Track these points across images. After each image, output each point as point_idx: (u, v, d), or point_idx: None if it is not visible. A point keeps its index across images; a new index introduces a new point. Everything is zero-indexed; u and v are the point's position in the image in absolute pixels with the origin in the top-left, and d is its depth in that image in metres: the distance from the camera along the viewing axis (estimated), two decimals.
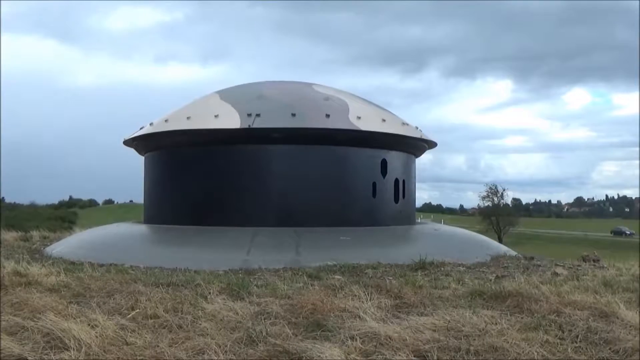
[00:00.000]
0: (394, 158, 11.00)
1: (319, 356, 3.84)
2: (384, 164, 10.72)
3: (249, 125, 10.08)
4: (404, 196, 11.18)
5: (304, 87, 11.87)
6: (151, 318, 4.79)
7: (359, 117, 10.42)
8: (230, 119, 10.20)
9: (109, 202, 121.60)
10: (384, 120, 10.85)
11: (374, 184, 10.56)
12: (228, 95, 11.33)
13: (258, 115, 10.20)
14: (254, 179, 10.16)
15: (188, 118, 10.52)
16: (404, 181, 11.21)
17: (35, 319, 4.51)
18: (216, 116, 10.28)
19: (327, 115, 10.22)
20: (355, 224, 10.11)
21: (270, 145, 10.24)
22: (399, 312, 5.13)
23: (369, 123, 10.46)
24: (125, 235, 10.69)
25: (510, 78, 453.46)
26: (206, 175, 10.36)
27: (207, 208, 10.34)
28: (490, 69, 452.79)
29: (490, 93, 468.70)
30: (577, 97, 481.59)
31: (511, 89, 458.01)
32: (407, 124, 11.50)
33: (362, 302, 5.25)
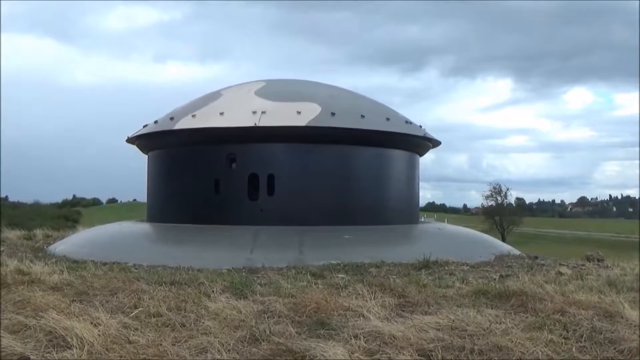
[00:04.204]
0: (251, 151, 10.23)
1: (323, 355, 3.82)
2: (230, 158, 10.26)
3: (134, 134, 11.71)
4: (270, 193, 10.01)
5: (212, 95, 11.60)
6: (154, 316, 4.79)
7: (193, 116, 10.47)
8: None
9: (113, 201, 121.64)
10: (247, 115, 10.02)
11: (217, 181, 10.21)
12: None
13: (148, 124, 11.64)
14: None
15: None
16: (270, 176, 9.99)
17: (37, 317, 4.51)
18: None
19: (172, 119, 10.79)
20: (199, 221, 10.09)
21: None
22: (403, 311, 5.12)
23: (203, 121, 10.26)
24: (128, 234, 10.69)
25: (510, 77, 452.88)
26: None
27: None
28: (490, 68, 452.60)
29: (490, 92, 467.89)
30: (578, 96, 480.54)
31: (511, 88, 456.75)
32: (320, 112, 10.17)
33: (366, 300, 5.23)
